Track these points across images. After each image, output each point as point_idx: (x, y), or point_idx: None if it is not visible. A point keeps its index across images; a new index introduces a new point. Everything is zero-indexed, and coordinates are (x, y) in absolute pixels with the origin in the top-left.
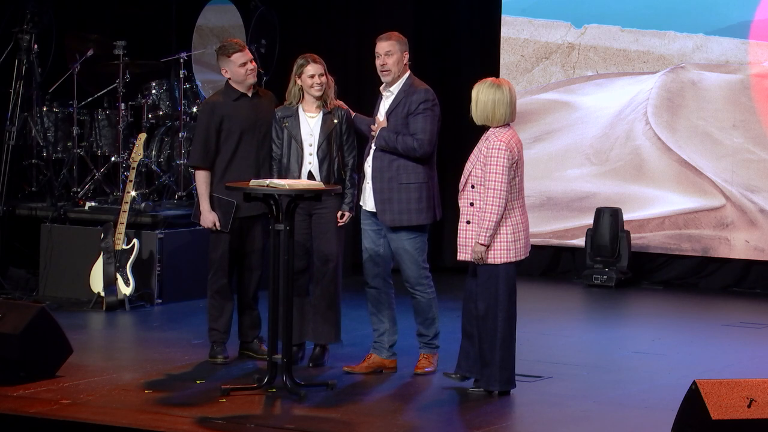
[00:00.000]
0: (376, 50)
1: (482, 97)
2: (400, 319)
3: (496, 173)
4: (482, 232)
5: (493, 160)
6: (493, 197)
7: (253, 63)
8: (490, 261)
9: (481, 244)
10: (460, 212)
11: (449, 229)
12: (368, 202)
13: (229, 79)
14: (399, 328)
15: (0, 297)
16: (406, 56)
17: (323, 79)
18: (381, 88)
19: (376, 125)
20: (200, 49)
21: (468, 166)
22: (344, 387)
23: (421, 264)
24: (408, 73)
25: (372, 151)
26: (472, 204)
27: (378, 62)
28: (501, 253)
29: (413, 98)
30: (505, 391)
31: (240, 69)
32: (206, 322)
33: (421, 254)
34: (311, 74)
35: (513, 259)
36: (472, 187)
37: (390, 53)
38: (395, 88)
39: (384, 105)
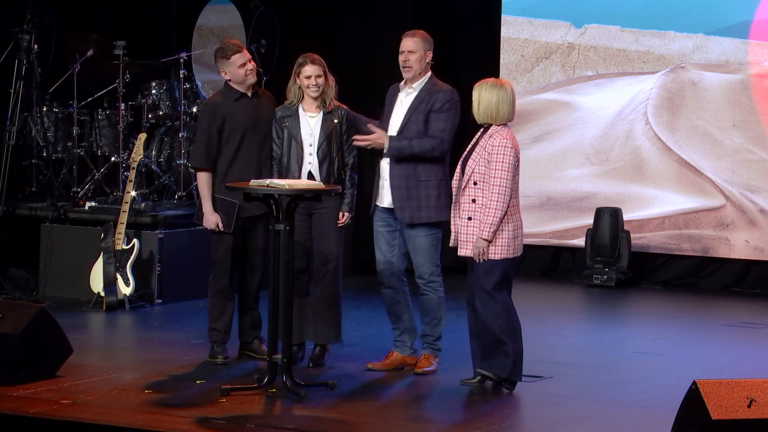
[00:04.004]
0: (400, 47)
1: (485, 96)
2: None
3: (502, 170)
4: (485, 228)
5: (500, 158)
6: (498, 194)
7: (252, 63)
8: (491, 256)
9: (484, 240)
10: (460, 209)
11: (446, 229)
12: (385, 199)
13: (229, 80)
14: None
15: (0, 297)
16: (429, 55)
17: (320, 80)
18: (401, 84)
19: (373, 137)
20: (200, 49)
21: (471, 163)
22: (344, 387)
23: (434, 261)
24: (430, 72)
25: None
26: (474, 200)
27: (401, 58)
28: (502, 249)
29: (438, 96)
30: (512, 381)
31: (239, 70)
32: (206, 322)
33: (435, 251)
34: (308, 75)
35: (512, 256)
36: (475, 183)
37: (413, 51)
38: (417, 85)
39: (403, 101)
